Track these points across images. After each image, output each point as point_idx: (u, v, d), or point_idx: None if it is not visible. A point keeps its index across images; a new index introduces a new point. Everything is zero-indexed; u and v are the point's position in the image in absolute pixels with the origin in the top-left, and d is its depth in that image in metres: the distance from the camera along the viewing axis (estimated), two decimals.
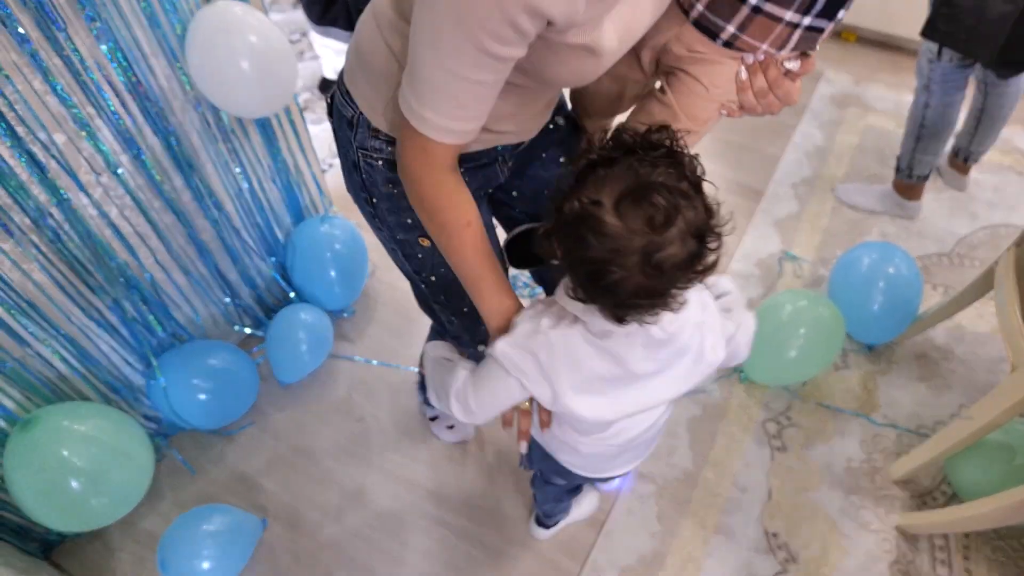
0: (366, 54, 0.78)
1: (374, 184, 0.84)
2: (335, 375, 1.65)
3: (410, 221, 0.85)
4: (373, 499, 1.43)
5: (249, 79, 1.22)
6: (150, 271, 1.36)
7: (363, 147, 0.81)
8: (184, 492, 1.45)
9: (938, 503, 1.41)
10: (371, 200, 0.86)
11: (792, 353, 1.46)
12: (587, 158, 0.64)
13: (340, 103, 0.83)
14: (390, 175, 0.81)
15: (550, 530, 1.34)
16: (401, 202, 0.82)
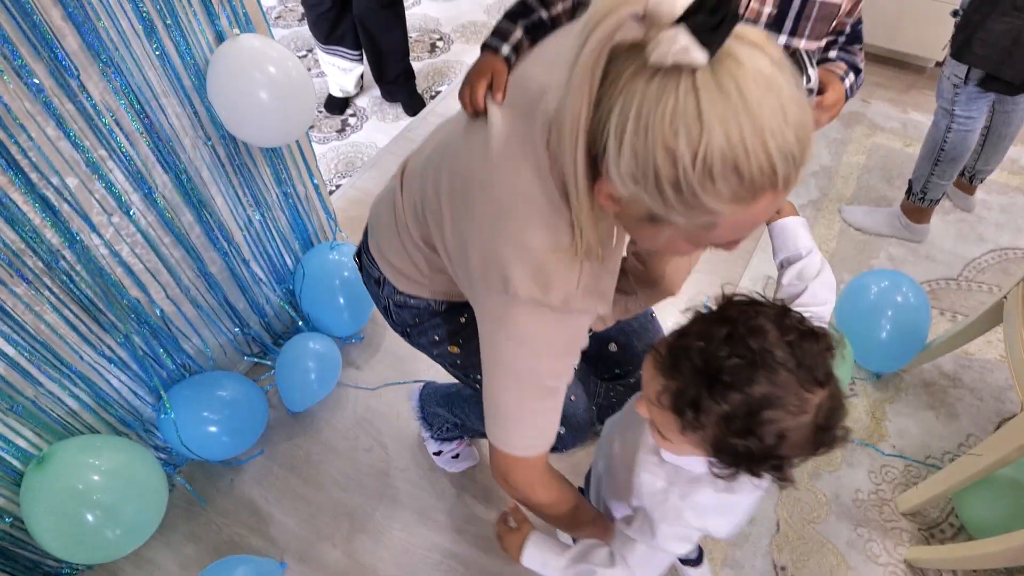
0: (388, 253, 0.90)
1: (404, 322, 0.98)
2: (344, 403, 1.65)
3: (437, 337, 0.97)
4: (384, 531, 1.44)
5: (271, 109, 1.24)
6: (160, 305, 1.37)
7: (391, 299, 0.95)
8: (194, 523, 1.45)
9: (946, 536, 1.41)
10: (405, 331, 1.00)
11: None
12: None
13: (368, 263, 0.97)
14: (416, 313, 0.95)
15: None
16: (426, 327, 0.96)
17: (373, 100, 2.59)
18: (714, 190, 0.50)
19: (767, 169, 0.49)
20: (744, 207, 0.52)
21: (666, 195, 0.51)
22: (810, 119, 0.51)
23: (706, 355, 0.61)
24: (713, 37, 0.45)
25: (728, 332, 0.61)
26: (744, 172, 0.49)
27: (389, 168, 2.27)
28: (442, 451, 1.49)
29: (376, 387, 1.68)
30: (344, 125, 2.49)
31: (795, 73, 0.51)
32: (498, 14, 3.04)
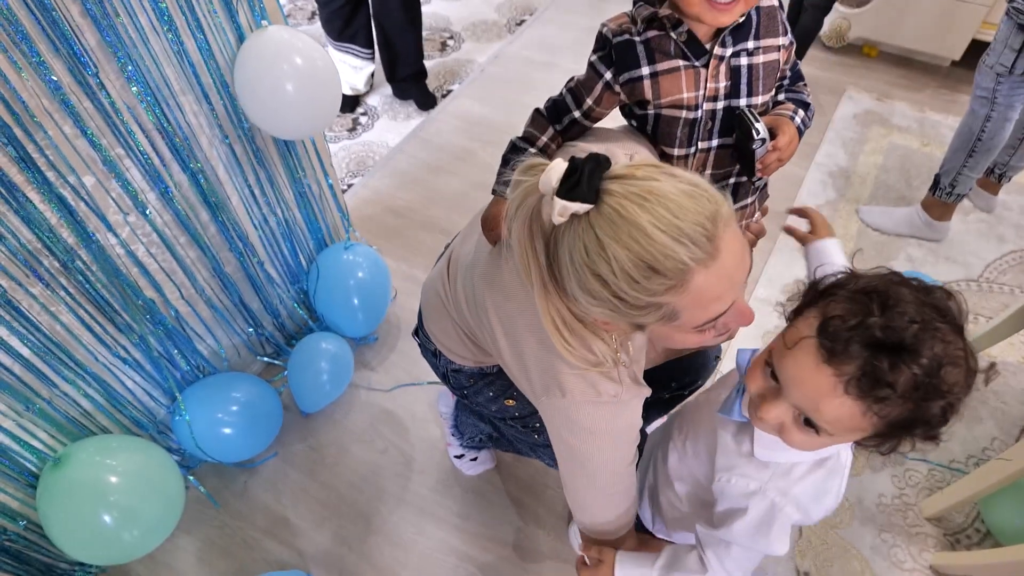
0: (441, 336, 1.01)
1: (460, 385, 1.06)
2: (358, 404, 1.64)
3: (492, 394, 1.03)
4: (398, 534, 1.42)
5: (299, 100, 1.24)
6: (175, 306, 1.35)
7: (447, 367, 1.04)
8: (207, 526, 1.44)
9: (972, 542, 1.39)
10: (463, 392, 1.08)
11: None
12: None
13: (424, 339, 1.07)
14: (470, 376, 1.03)
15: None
16: (481, 387, 1.03)
17: (384, 99, 2.57)
18: (647, 290, 0.61)
19: (675, 256, 0.59)
20: (684, 291, 0.62)
21: (618, 306, 0.63)
22: (703, 197, 0.61)
23: (882, 327, 0.60)
24: (585, 191, 0.59)
25: (881, 303, 0.61)
26: (659, 267, 0.60)
27: (401, 168, 2.26)
28: (464, 455, 1.47)
29: (390, 388, 1.66)
30: (355, 124, 2.48)
31: (672, 171, 0.63)
32: (509, 11, 3.04)
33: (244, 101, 1.23)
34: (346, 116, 2.51)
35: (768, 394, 0.69)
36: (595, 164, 0.60)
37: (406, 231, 2.03)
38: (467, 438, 1.39)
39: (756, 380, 0.71)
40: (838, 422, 0.65)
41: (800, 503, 0.76)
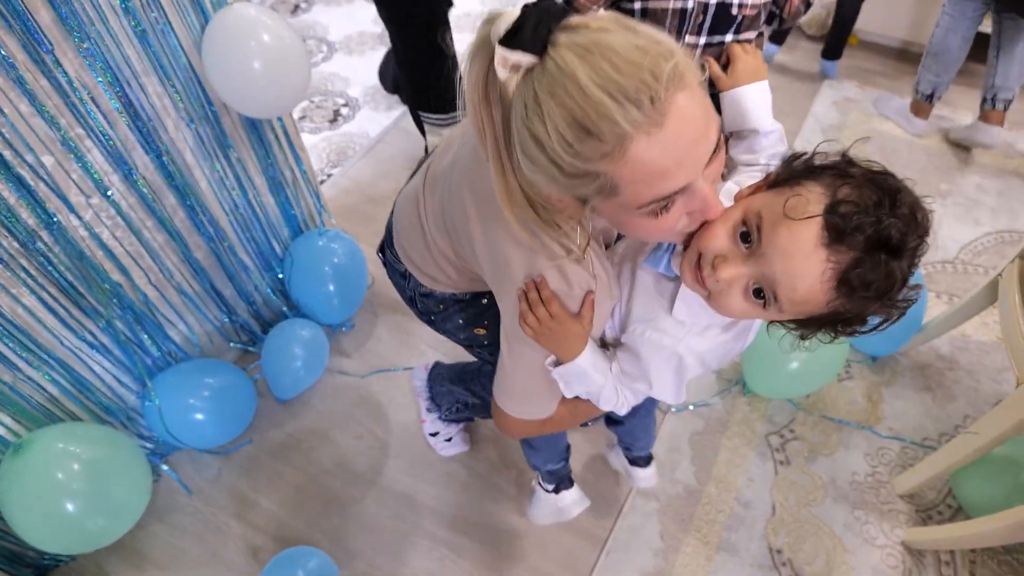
0: (412, 253, 0.93)
1: (428, 311, 1.00)
2: (334, 391, 1.63)
3: (462, 321, 0.98)
4: (373, 518, 1.41)
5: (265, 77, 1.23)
6: (144, 291, 1.34)
7: (416, 291, 0.98)
8: (180, 513, 1.43)
9: (944, 517, 1.39)
10: (430, 319, 1.03)
11: (795, 366, 1.44)
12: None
13: (392, 259, 1.00)
14: (441, 301, 0.97)
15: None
16: (451, 313, 0.98)
17: (366, 90, 2.57)
18: (580, 155, 0.55)
19: (609, 117, 0.52)
20: (622, 161, 0.54)
21: (556, 175, 0.58)
22: (658, 53, 0.53)
23: (894, 227, 0.58)
24: (528, 39, 0.53)
25: (892, 201, 0.59)
26: (593, 129, 0.53)
27: (382, 158, 2.25)
28: (439, 432, 1.47)
29: (366, 375, 1.66)
30: (336, 115, 2.47)
31: (634, 25, 0.56)
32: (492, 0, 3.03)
33: (212, 78, 1.22)
34: (326, 107, 2.50)
35: (731, 256, 0.64)
36: (543, 12, 0.54)
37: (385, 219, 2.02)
38: (444, 410, 1.38)
39: (719, 239, 0.65)
40: (802, 304, 0.62)
41: (705, 361, 0.78)
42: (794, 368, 1.44)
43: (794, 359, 1.44)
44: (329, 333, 1.74)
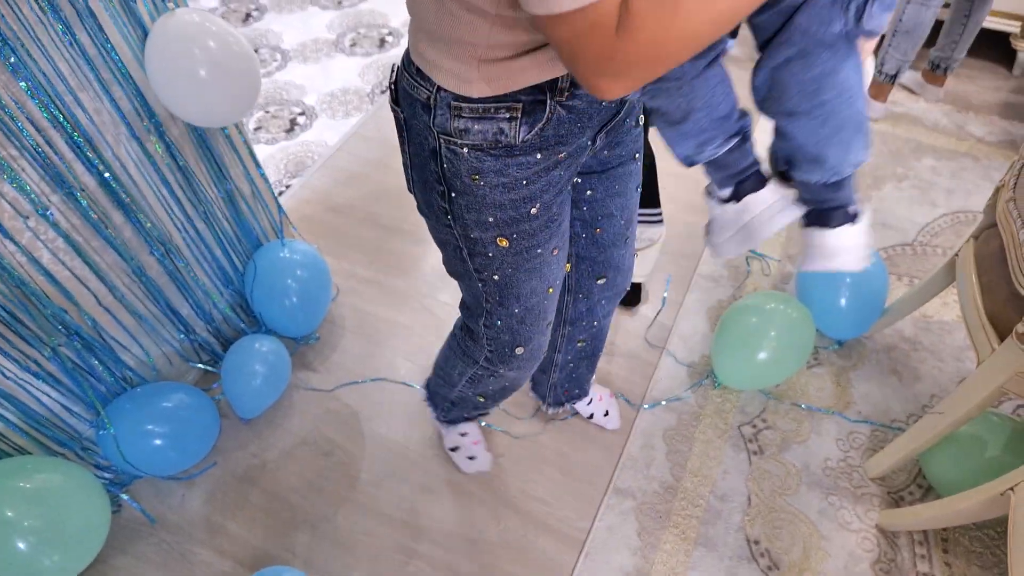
0: (437, 29, 0.67)
1: (456, 175, 0.75)
2: (300, 407, 1.59)
3: (491, 220, 0.79)
4: (346, 536, 1.38)
5: (212, 84, 1.19)
6: (91, 314, 1.29)
7: (444, 131, 0.73)
8: (143, 543, 1.37)
9: (915, 497, 1.41)
10: (447, 194, 0.78)
11: (763, 356, 1.45)
12: None
13: (410, 86, 0.75)
14: (476, 164, 0.74)
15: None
16: (484, 198, 0.76)
17: (322, 97, 2.52)
18: None
19: None
20: None
21: None
22: None
23: None
24: None
25: None
26: None
27: (340, 166, 2.21)
28: (459, 447, 1.44)
29: (332, 388, 1.62)
30: (292, 124, 2.42)
31: None
32: None
33: (158, 88, 1.18)
34: (283, 116, 2.45)
35: None
36: None
37: (347, 228, 1.98)
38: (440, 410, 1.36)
39: None
40: None
41: None
42: (763, 358, 1.45)
43: (762, 349, 1.44)
44: (293, 347, 1.69)
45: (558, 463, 1.47)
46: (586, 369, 1.39)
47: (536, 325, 0.98)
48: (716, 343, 1.53)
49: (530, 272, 0.87)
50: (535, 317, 0.96)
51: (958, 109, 2.32)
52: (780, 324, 1.45)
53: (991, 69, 2.50)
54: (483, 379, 1.12)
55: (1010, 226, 1.15)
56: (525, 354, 1.02)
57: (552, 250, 0.87)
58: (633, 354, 1.67)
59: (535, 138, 0.73)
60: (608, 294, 1.16)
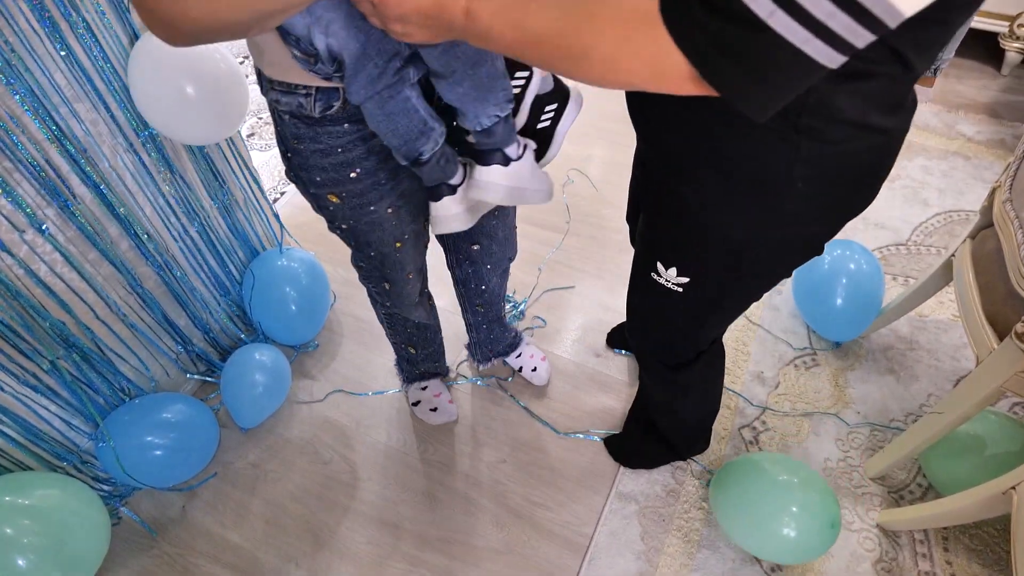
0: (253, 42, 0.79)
1: (284, 139, 0.87)
2: (299, 416, 1.58)
3: (319, 179, 0.89)
4: (348, 545, 1.37)
5: (200, 104, 1.18)
6: (90, 327, 1.28)
7: (269, 99, 0.83)
8: (144, 556, 1.36)
9: (915, 496, 1.42)
10: (286, 155, 0.89)
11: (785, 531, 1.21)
12: None
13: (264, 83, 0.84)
14: (295, 130, 0.84)
15: None
16: (308, 160, 0.86)
17: None
18: None
19: None
20: None
21: None
22: None
23: None
24: None
25: None
26: None
27: None
28: (419, 401, 1.50)
29: (324, 397, 1.61)
30: None
31: None
32: None
33: (143, 107, 1.17)
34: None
35: None
36: None
37: None
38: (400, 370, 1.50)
39: None
40: None
41: None
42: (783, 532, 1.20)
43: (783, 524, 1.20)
44: (292, 355, 1.69)
45: (561, 469, 1.47)
46: (499, 331, 1.52)
47: (395, 271, 1.10)
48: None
49: (371, 225, 0.96)
50: (392, 264, 1.07)
51: (948, 109, 2.34)
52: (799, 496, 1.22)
53: (979, 69, 2.53)
54: (391, 323, 1.33)
55: (1008, 227, 1.16)
56: (394, 290, 1.15)
57: (387, 208, 0.94)
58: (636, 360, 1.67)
59: (338, 113, 0.81)
60: (489, 262, 1.27)
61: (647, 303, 1.08)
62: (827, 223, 0.87)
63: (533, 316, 1.78)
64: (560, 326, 1.76)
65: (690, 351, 1.15)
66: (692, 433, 1.41)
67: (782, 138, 0.72)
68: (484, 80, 0.76)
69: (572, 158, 2.26)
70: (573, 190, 2.15)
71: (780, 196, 0.79)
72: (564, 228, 2.01)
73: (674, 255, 0.96)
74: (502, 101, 0.79)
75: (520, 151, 0.88)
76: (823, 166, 0.75)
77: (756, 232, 0.86)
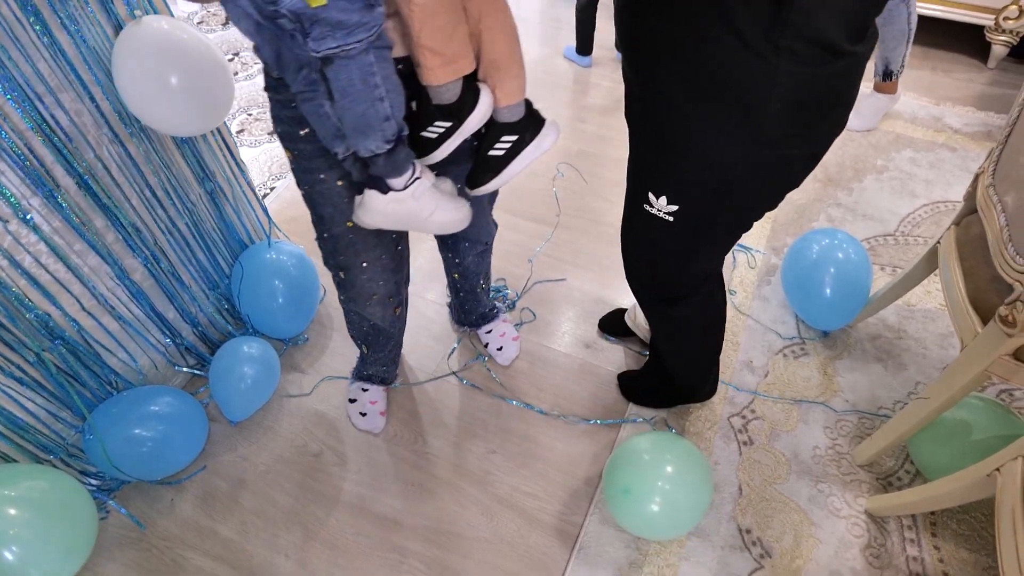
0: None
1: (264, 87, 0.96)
2: (289, 409, 1.58)
3: (280, 130, 0.97)
4: (337, 536, 1.37)
5: (184, 95, 1.17)
6: (76, 319, 1.27)
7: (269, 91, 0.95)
8: (133, 550, 1.36)
9: (903, 483, 1.43)
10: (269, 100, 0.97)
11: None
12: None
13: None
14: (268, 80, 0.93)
15: None
16: (276, 107, 0.95)
17: None
18: None
19: None
20: None
21: None
22: None
23: None
24: None
25: None
26: None
27: None
28: (356, 400, 1.53)
29: (311, 390, 1.61)
30: None
31: None
32: None
33: (127, 97, 1.17)
34: (265, 119, 2.43)
35: None
36: None
37: None
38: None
39: None
40: None
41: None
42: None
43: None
44: (281, 348, 1.68)
45: (550, 459, 1.48)
46: (472, 303, 1.59)
47: (348, 256, 1.11)
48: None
49: (323, 197, 1.01)
50: (345, 248, 1.09)
51: (935, 102, 2.36)
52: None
53: (966, 62, 2.55)
54: (348, 316, 1.35)
55: (991, 211, 1.17)
56: (348, 279, 1.17)
57: (337, 180, 0.98)
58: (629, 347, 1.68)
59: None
60: (465, 240, 1.35)
61: (641, 236, 1.12)
62: (801, 146, 0.92)
63: (523, 308, 1.78)
64: (551, 318, 1.76)
65: (685, 284, 1.19)
66: (695, 374, 1.45)
67: (762, 58, 0.78)
68: (360, 119, 0.82)
69: (563, 152, 2.26)
70: (563, 184, 2.15)
71: (759, 117, 0.85)
72: (555, 221, 2.02)
73: (663, 182, 0.99)
74: (379, 141, 0.85)
75: (406, 182, 0.92)
76: (798, 88, 0.82)
77: (739, 154, 0.90)
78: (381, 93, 0.79)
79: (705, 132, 0.89)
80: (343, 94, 0.78)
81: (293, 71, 0.79)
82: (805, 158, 0.96)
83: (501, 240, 1.92)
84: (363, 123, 0.81)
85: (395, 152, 0.87)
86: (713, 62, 0.82)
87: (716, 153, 0.91)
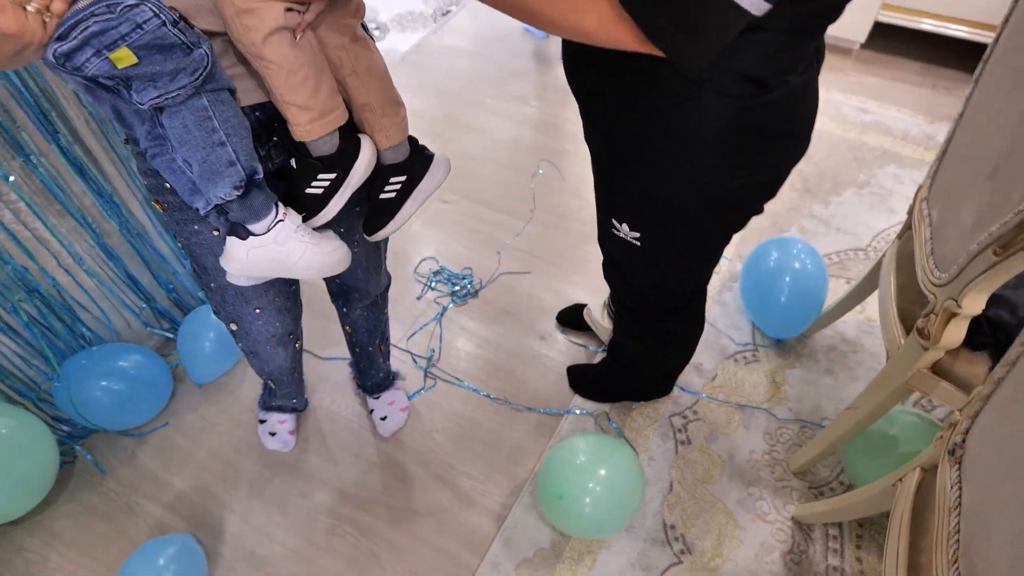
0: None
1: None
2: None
3: (146, 184, 0.89)
4: (280, 497, 1.45)
5: None
6: (52, 275, 1.38)
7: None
8: (93, 492, 1.46)
9: (835, 493, 1.44)
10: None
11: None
12: None
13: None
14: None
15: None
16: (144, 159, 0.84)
17: None
18: None
19: None
20: None
21: None
22: None
23: None
24: None
25: None
26: None
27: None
28: (266, 420, 1.53)
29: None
30: None
31: None
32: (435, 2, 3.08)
33: None
34: None
35: None
36: None
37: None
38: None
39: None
40: None
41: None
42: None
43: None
44: None
45: (491, 441, 1.53)
46: (366, 364, 1.50)
47: (239, 306, 1.05)
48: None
49: (202, 248, 0.93)
50: (234, 298, 1.03)
51: (931, 120, 2.33)
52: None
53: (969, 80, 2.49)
54: (249, 359, 1.24)
55: (920, 225, 1.18)
56: (242, 329, 1.10)
57: (212, 231, 0.91)
58: (576, 341, 1.72)
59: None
60: (352, 292, 1.26)
61: (617, 254, 1.14)
62: (747, 178, 0.90)
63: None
64: (511, 308, 1.81)
65: (669, 300, 1.20)
66: (661, 378, 1.50)
67: (687, 92, 0.78)
68: (204, 167, 0.78)
69: (546, 150, 2.31)
70: (542, 180, 2.20)
71: (695, 151, 0.84)
72: (528, 216, 2.06)
73: (619, 211, 1.02)
74: (228, 188, 0.79)
75: (268, 226, 0.86)
76: (727, 119, 0.80)
77: (680, 185, 0.89)
78: (220, 137, 0.75)
79: (644, 167, 0.90)
80: (181, 142, 0.74)
81: (137, 126, 0.76)
82: (756, 187, 0.93)
83: (473, 230, 1.98)
84: (208, 170, 0.77)
85: (248, 196, 0.81)
86: (642, 99, 0.83)
87: (658, 186, 0.91)
